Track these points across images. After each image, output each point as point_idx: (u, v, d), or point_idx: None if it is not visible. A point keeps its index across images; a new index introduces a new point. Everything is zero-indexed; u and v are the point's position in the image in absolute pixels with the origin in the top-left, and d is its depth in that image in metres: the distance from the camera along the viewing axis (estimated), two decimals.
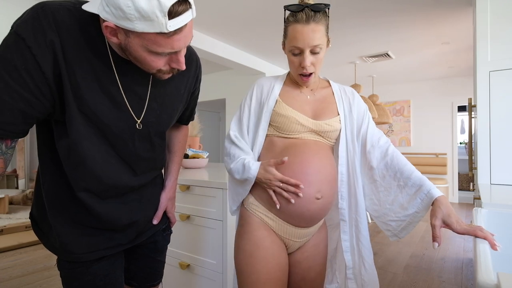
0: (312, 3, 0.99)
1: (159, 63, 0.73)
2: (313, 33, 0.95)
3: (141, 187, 0.95)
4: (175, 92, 0.92)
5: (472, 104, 2.22)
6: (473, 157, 2.25)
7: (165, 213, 1.09)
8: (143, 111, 0.84)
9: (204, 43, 3.75)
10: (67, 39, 0.69)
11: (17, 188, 6.75)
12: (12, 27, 0.66)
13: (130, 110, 0.81)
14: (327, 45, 1.02)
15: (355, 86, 4.72)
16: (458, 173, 6.19)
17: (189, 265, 1.80)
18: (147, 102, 0.84)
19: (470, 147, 2.21)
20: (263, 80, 1.13)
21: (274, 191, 0.98)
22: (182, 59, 0.74)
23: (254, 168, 0.98)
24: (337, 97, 1.11)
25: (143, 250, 1.04)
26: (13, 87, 0.64)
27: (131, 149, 0.86)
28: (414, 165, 5.02)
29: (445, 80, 5.93)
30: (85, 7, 0.70)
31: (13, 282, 2.51)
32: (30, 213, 0.93)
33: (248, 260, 0.99)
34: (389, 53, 4.32)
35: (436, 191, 0.94)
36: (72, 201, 0.83)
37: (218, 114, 7.65)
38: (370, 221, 4.41)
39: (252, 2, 2.92)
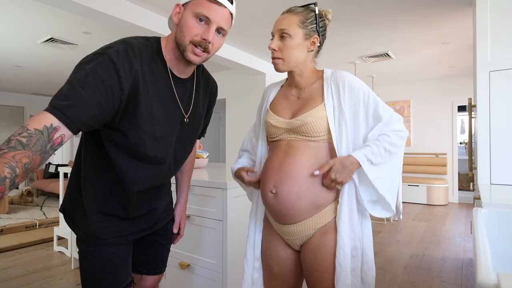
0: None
1: (195, 30, 0.90)
2: (283, 20, 1.05)
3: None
4: (201, 110, 1.15)
5: (472, 104, 2.22)
6: (473, 157, 2.25)
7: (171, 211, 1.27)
8: (189, 109, 1.08)
9: None
10: (146, 68, 0.91)
11: (17, 188, 6.75)
12: (103, 52, 0.83)
13: (182, 109, 1.04)
14: (305, 39, 1.04)
15: None
16: (458, 173, 6.19)
17: (189, 265, 1.80)
18: (192, 101, 1.08)
19: (470, 147, 2.21)
20: (267, 88, 1.26)
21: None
22: (212, 33, 0.91)
23: (234, 169, 1.24)
24: (325, 85, 1.07)
25: (155, 237, 1.17)
26: (97, 96, 0.79)
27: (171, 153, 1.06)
28: (414, 165, 4.99)
29: (445, 80, 5.94)
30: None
31: (13, 282, 2.51)
32: (62, 207, 1.08)
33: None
34: (389, 53, 4.32)
35: (355, 153, 1.01)
36: (109, 197, 1.00)
37: (218, 114, 7.64)
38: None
39: (252, 2, 2.92)
